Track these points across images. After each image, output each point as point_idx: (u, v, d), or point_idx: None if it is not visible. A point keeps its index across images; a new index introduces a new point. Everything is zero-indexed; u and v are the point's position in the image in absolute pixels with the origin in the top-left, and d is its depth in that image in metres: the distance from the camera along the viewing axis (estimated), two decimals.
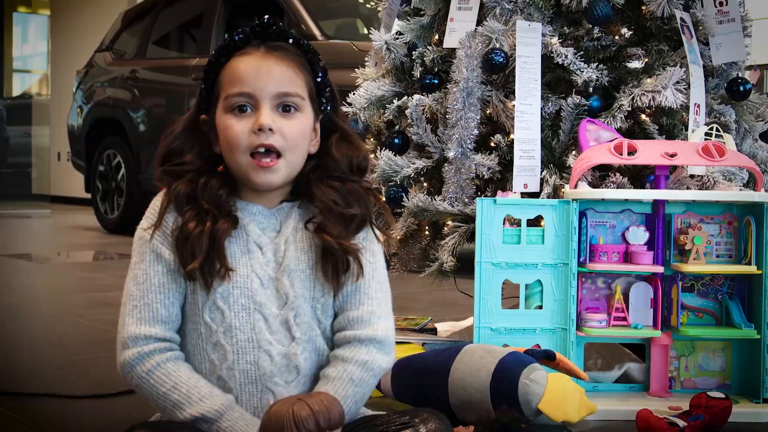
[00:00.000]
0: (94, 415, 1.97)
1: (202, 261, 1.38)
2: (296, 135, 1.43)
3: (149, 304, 1.41)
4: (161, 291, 1.42)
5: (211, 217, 1.40)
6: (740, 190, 2.15)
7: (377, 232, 1.51)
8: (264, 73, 1.42)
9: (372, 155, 2.53)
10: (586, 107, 2.22)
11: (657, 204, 2.09)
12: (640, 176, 2.23)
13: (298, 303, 1.43)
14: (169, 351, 1.41)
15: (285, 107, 1.43)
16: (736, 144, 2.29)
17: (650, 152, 2.04)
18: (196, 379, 1.40)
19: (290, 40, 1.46)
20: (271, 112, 1.42)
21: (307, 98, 1.46)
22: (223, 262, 1.40)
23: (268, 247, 1.45)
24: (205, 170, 1.45)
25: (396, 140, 2.47)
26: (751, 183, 2.28)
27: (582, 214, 2.07)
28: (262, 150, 1.41)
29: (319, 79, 1.48)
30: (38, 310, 3.50)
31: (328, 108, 1.50)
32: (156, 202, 1.46)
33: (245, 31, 1.45)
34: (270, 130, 1.40)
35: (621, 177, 2.16)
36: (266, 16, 1.46)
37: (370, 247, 1.49)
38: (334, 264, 1.44)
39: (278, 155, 1.42)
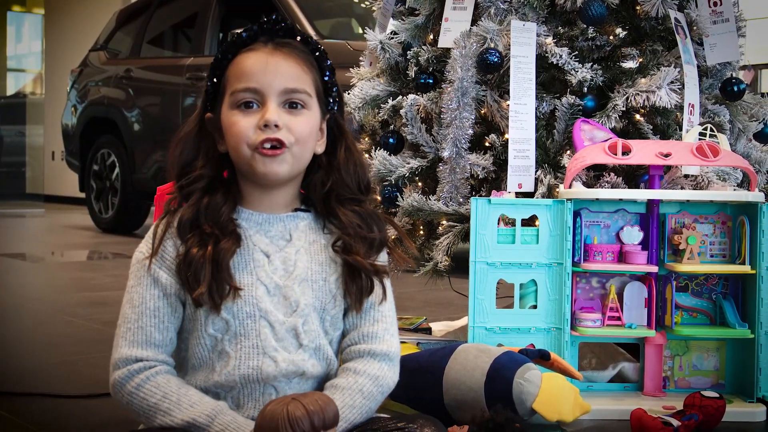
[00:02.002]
0: (88, 414, 1.96)
1: (208, 286, 1.37)
2: (303, 131, 1.42)
3: (143, 328, 1.40)
4: (156, 315, 1.41)
5: (213, 239, 1.39)
6: (734, 190, 2.15)
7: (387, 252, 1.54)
8: (271, 69, 1.41)
9: (367, 155, 2.53)
10: (580, 107, 2.23)
11: (651, 204, 2.10)
12: (634, 176, 2.23)
13: (308, 311, 1.43)
14: (160, 365, 1.40)
15: (292, 104, 1.42)
16: (730, 144, 2.29)
17: (644, 152, 2.04)
18: (186, 388, 1.39)
19: (298, 38, 1.46)
20: (278, 108, 1.41)
21: (314, 96, 1.45)
22: (230, 282, 1.39)
23: (276, 255, 1.45)
24: (212, 181, 1.45)
25: (391, 140, 2.47)
26: (745, 183, 2.29)
27: (576, 214, 2.07)
28: (267, 145, 1.40)
29: (326, 78, 1.48)
30: (32, 309, 3.49)
31: (335, 108, 1.50)
32: (155, 229, 1.44)
33: (252, 28, 1.45)
34: (276, 126, 1.39)
35: (615, 177, 2.17)
36: (274, 15, 1.46)
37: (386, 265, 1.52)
38: (360, 285, 1.46)
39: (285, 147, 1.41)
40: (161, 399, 1.37)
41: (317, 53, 1.47)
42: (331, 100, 1.49)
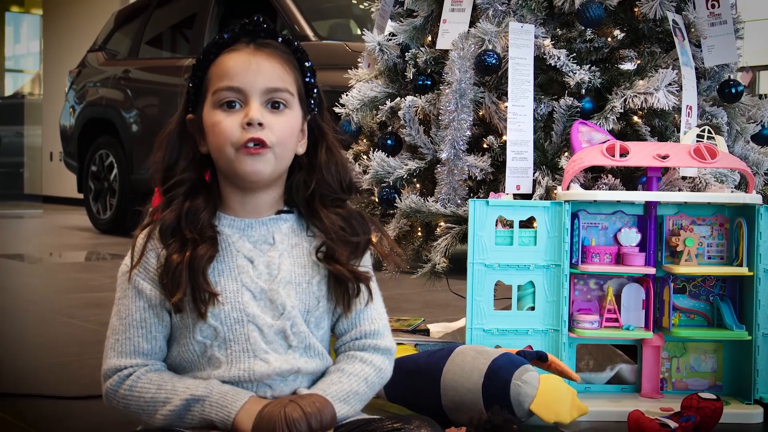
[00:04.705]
0: (87, 415, 1.96)
1: (187, 292, 1.38)
2: (285, 131, 1.43)
3: (131, 338, 1.41)
4: (143, 326, 1.42)
5: (191, 244, 1.40)
6: (732, 192, 2.15)
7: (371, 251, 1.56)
8: (254, 69, 1.42)
9: (365, 156, 2.53)
10: (578, 109, 2.23)
11: (649, 206, 2.10)
12: (632, 178, 2.24)
13: (295, 314, 1.44)
14: (149, 365, 1.42)
15: (274, 104, 1.43)
16: (727, 146, 2.29)
17: (642, 154, 2.04)
18: (180, 377, 1.41)
19: (279, 39, 1.47)
20: (261, 108, 1.41)
21: (296, 96, 1.46)
22: (206, 288, 1.39)
23: (260, 259, 1.45)
24: (194, 185, 1.45)
25: (389, 141, 2.47)
26: (742, 185, 2.29)
27: (574, 216, 2.07)
28: (251, 145, 1.40)
29: (307, 79, 1.49)
30: (30, 310, 3.49)
31: (316, 110, 1.51)
32: (135, 240, 1.45)
33: (234, 29, 1.45)
34: (260, 124, 1.40)
35: (613, 179, 2.17)
36: (256, 16, 1.47)
37: (369, 267, 1.53)
38: (346, 290, 1.48)
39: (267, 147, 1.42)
40: (157, 391, 1.38)
41: (298, 54, 1.48)
42: (312, 102, 1.50)
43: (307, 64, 1.49)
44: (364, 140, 2.65)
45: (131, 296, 1.42)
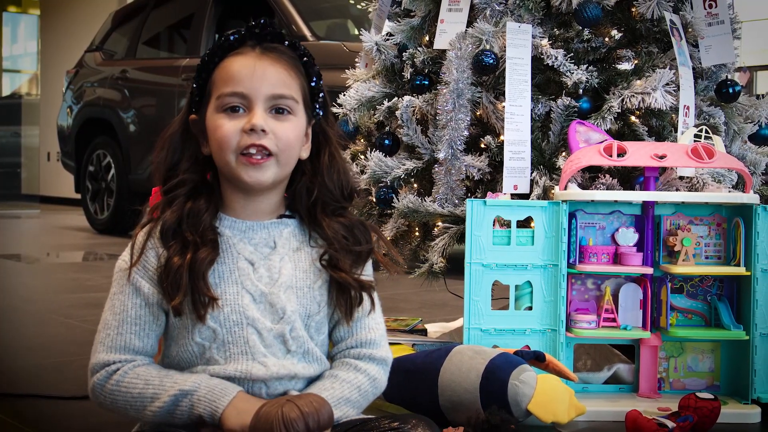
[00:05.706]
0: (85, 415, 1.96)
1: (186, 295, 1.37)
2: (288, 137, 1.42)
3: (122, 335, 1.41)
4: (137, 323, 1.41)
5: (192, 247, 1.39)
6: (729, 191, 2.15)
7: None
8: (258, 74, 1.41)
9: (362, 156, 2.53)
10: (575, 109, 2.23)
11: (646, 205, 2.10)
12: (629, 178, 2.24)
13: (294, 318, 1.44)
14: (137, 360, 1.41)
15: (278, 109, 1.42)
16: (725, 146, 2.29)
17: (640, 154, 2.04)
18: (167, 371, 1.41)
19: (285, 43, 1.46)
20: (264, 114, 1.41)
21: (301, 101, 1.45)
22: (206, 292, 1.38)
23: (261, 262, 1.44)
24: (196, 186, 1.45)
25: (386, 141, 2.47)
26: (740, 185, 2.29)
27: (572, 216, 2.07)
28: (253, 151, 1.40)
29: (313, 84, 1.48)
30: (27, 310, 3.49)
31: (321, 114, 1.50)
32: (135, 237, 1.44)
33: (240, 32, 1.44)
34: (262, 131, 1.39)
35: (610, 178, 2.17)
36: (262, 19, 1.46)
37: (371, 275, 1.53)
38: (348, 299, 1.47)
39: (269, 154, 1.41)
40: (144, 386, 1.38)
41: (305, 58, 1.47)
42: (317, 106, 1.49)
43: (313, 68, 1.48)
44: (362, 140, 2.65)
45: (128, 293, 1.42)
